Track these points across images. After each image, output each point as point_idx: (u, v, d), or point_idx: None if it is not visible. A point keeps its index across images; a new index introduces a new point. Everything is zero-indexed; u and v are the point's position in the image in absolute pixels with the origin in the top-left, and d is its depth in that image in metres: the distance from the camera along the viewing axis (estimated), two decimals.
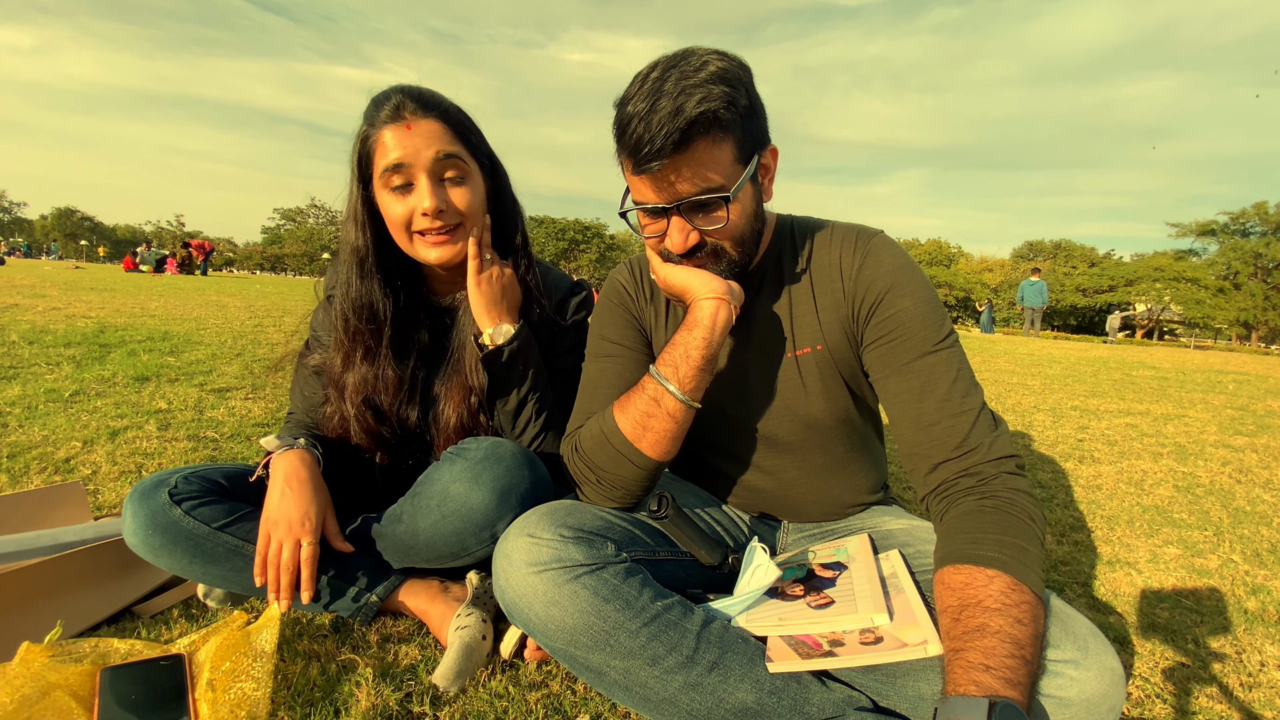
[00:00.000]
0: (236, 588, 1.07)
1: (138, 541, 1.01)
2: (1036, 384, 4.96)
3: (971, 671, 0.64)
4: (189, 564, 1.02)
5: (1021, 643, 0.66)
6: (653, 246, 0.95)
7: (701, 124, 0.80)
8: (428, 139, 1.03)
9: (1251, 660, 1.24)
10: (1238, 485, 2.45)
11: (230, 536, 1.03)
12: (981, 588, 0.71)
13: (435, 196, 1.04)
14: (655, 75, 0.81)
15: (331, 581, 1.08)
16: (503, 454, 1.02)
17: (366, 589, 1.10)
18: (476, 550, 1.02)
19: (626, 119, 0.82)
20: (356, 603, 1.10)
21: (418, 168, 1.03)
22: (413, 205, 1.05)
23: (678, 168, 0.82)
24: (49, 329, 3.95)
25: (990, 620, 0.68)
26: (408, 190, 1.05)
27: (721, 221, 0.87)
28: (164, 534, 1.00)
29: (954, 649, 0.68)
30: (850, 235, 0.99)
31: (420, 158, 1.03)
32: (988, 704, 0.60)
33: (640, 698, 0.81)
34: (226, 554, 1.03)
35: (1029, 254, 52.36)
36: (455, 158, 1.05)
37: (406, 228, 1.07)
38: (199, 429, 2.21)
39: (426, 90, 1.07)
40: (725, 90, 0.80)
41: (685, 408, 0.91)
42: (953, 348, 0.90)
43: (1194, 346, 24.70)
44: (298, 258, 64.05)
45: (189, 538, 1.01)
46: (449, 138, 1.05)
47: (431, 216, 1.04)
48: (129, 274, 14.16)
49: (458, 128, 1.07)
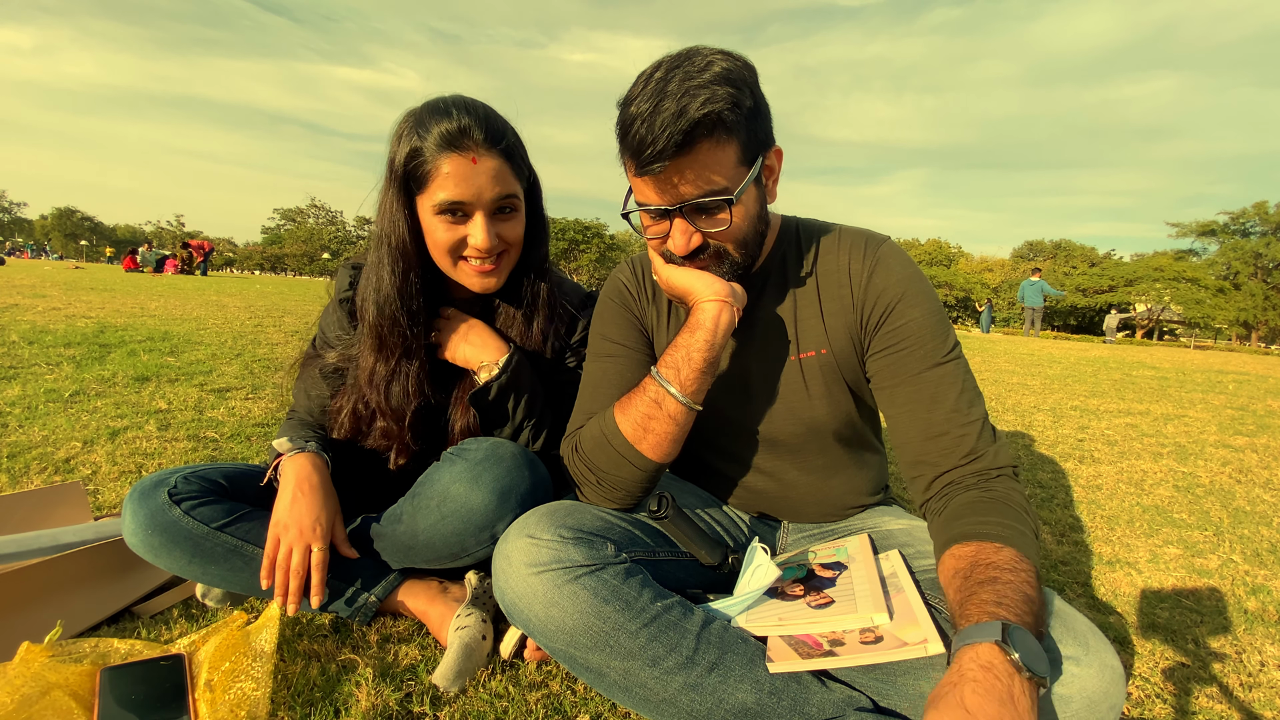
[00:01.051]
0: (236, 587, 1.06)
1: (137, 541, 1.01)
2: (1036, 384, 4.96)
3: (986, 606, 0.66)
4: (188, 564, 1.02)
5: (1032, 600, 0.67)
6: (655, 248, 0.95)
7: (705, 126, 0.79)
8: (491, 179, 1.01)
9: (1251, 660, 1.24)
10: (1238, 485, 2.45)
11: (229, 536, 1.03)
12: (992, 554, 0.73)
13: (490, 235, 1.03)
14: (659, 75, 0.80)
15: (330, 582, 1.08)
16: (503, 455, 1.02)
17: (364, 589, 1.10)
18: (476, 551, 1.02)
19: (629, 120, 0.81)
20: (354, 604, 1.10)
21: (480, 207, 1.02)
22: (463, 235, 1.04)
23: (681, 170, 0.82)
24: (49, 329, 3.95)
25: (1001, 575, 0.69)
26: (462, 220, 1.03)
27: (725, 224, 0.87)
28: (163, 534, 1.00)
29: (965, 597, 0.69)
30: (859, 241, 0.98)
31: (482, 199, 1.02)
32: (1001, 625, 0.62)
33: (640, 698, 0.81)
34: (226, 554, 1.03)
35: (1029, 254, 52.34)
36: (513, 195, 1.05)
37: (451, 253, 1.06)
38: (199, 429, 2.21)
39: (489, 111, 1.04)
40: (730, 91, 0.79)
41: (686, 410, 0.91)
42: (959, 359, 0.91)
43: (1194, 346, 24.69)
44: (298, 258, 64.11)
45: (188, 537, 1.01)
46: (510, 177, 1.04)
47: (484, 251, 1.04)
48: (129, 274, 14.16)
49: (516, 161, 1.06)
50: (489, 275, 1.08)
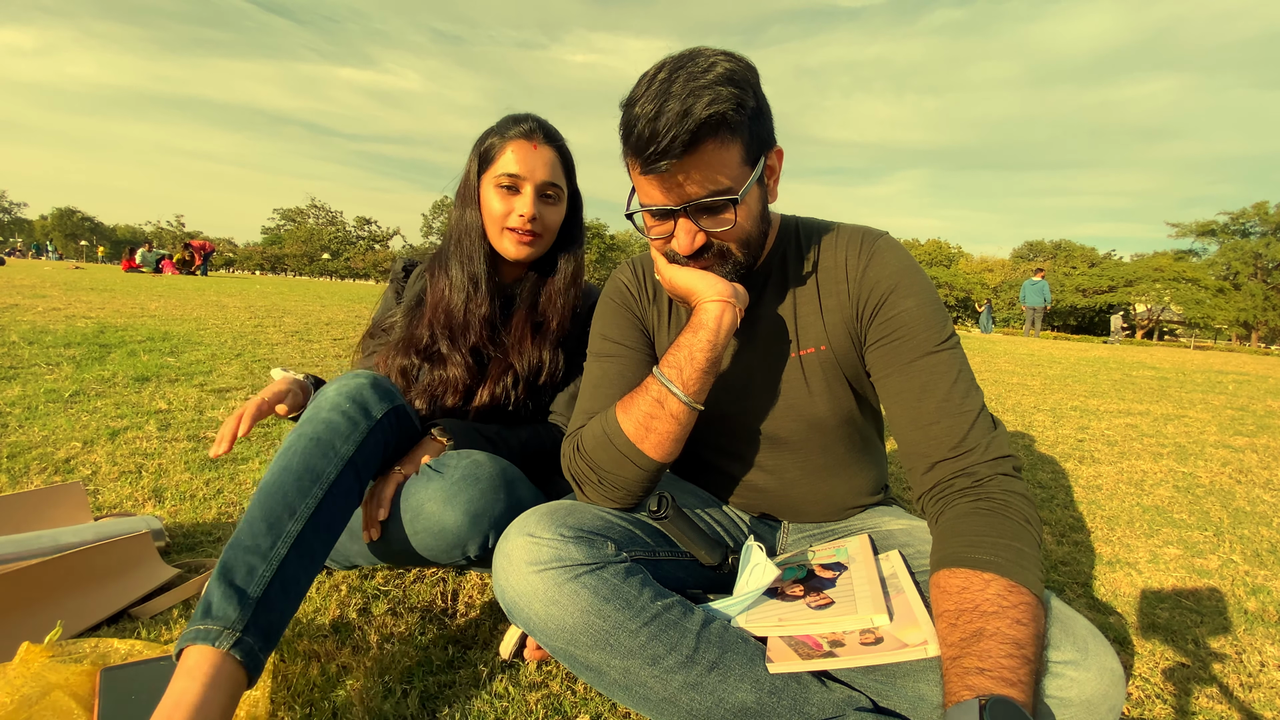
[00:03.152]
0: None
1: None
2: (1036, 384, 4.96)
3: (966, 677, 0.64)
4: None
5: (1020, 642, 0.66)
6: (658, 248, 0.95)
7: (710, 126, 0.79)
8: (544, 163, 1.24)
9: (1251, 660, 1.24)
10: (1238, 485, 2.45)
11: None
12: (978, 591, 0.71)
13: (535, 207, 1.24)
14: (663, 76, 0.80)
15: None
16: (480, 475, 1.03)
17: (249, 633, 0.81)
18: (448, 562, 1.05)
19: (633, 120, 0.81)
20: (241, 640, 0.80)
21: (529, 182, 1.23)
22: (513, 206, 1.24)
23: (686, 170, 0.82)
24: (49, 329, 3.94)
25: (987, 624, 0.67)
26: (513, 193, 1.24)
27: (729, 223, 0.87)
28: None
29: (951, 657, 0.68)
30: (856, 237, 0.99)
31: (535, 175, 1.24)
32: (978, 705, 0.60)
33: (640, 697, 0.81)
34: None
35: (1029, 254, 52.35)
36: (557, 186, 1.27)
37: (500, 221, 1.25)
38: (199, 429, 2.21)
39: (552, 126, 1.29)
40: (733, 92, 0.79)
41: (689, 410, 0.91)
42: (954, 349, 0.90)
43: (1194, 347, 24.69)
44: (298, 258, 64.07)
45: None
46: (559, 169, 1.27)
47: (527, 220, 1.23)
48: (129, 274, 14.16)
49: (566, 162, 1.29)
50: (526, 245, 1.26)
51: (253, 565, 0.83)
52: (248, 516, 0.88)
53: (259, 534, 0.85)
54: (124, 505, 1.58)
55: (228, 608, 0.79)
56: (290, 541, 0.86)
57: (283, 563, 0.85)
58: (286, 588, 0.85)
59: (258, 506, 0.88)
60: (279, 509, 0.87)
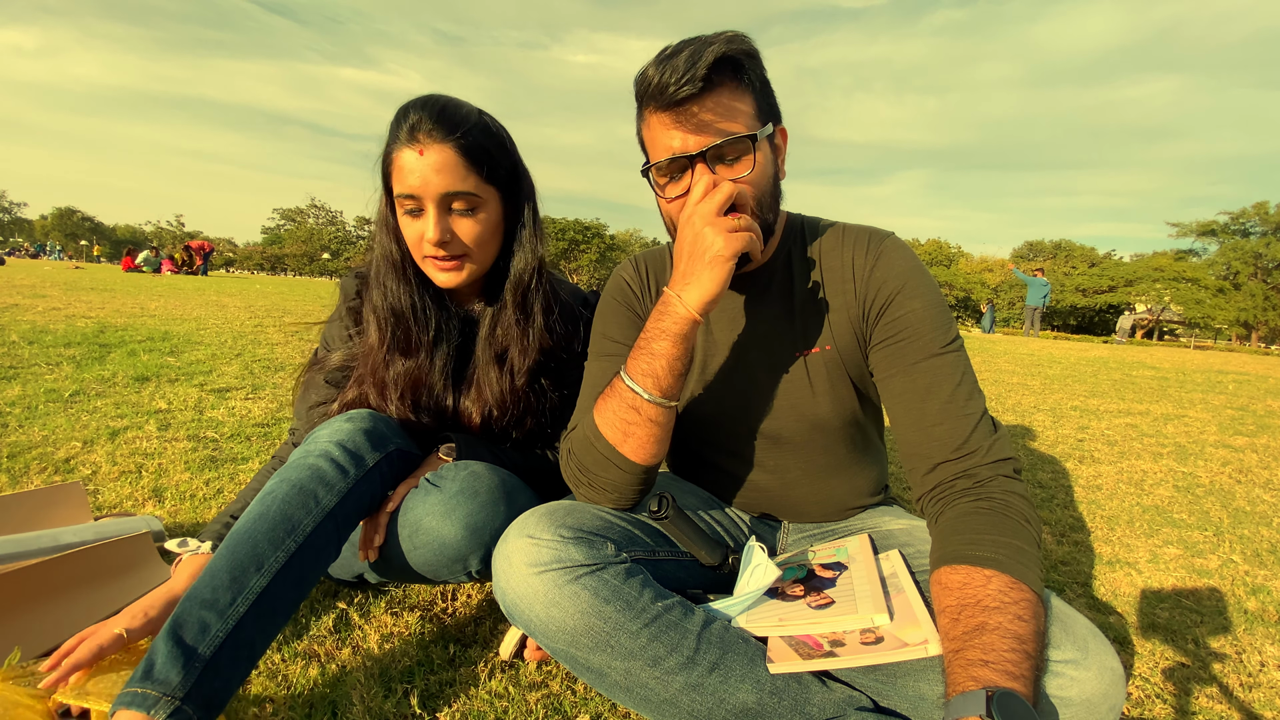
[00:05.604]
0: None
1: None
2: (1036, 384, 4.96)
3: (970, 669, 0.64)
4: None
5: (1022, 637, 0.66)
6: (673, 213, 0.92)
7: (726, 66, 0.83)
8: (438, 169, 0.99)
9: (1251, 660, 1.24)
10: (1238, 485, 2.45)
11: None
12: (979, 587, 0.71)
13: (439, 228, 1.02)
14: (673, 45, 0.85)
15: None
16: (479, 489, 0.99)
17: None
18: (450, 577, 1.03)
19: (649, 69, 0.85)
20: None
21: (427, 198, 1.01)
22: (421, 230, 1.04)
23: (703, 106, 0.84)
24: (49, 329, 3.94)
25: (989, 618, 0.68)
26: (419, 214, 1.04)
27: (749, 168, 0.87)
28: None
29: (953, 650, 0.68)
30: (863, 237, 0.99)
31: (429, 189, 1.00)
32: (985, 694, 0.61)
33: (641, 698, 0.81)
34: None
35: (1029, 254, 52.24)
36: (467, 193, 1.02)
37: (417, 249, 1.07)
38: (199, 429, 2.21)
39: (449, 105, 1.02)
40: (743, 49, 0.84)
41: (664, 410, 0.89)
42: (958, 351, 0.90)
43: (1194, 346, 24.69)
44: (298, 258, 64.09)
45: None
46: (461, 170, 1.01)
47: (434, 244, 1.03)
48: (129, 274, 14.17)
49: (473, 153, 1.01)
50: (449, 272, 1.07)
51: (206, 622, 0.77)
52: (211, 566, 0.82)
53: (220, 587, 0.80)
54: (124, 505, 1.58)
55: (171, 670, 0.73)
56: (251, 599, 0.80)
57: (239, 622, 0.79)
58: (238, 651, 0.78)
59: (224, 555, 0.83)
60: (246, 561, 0.82)
